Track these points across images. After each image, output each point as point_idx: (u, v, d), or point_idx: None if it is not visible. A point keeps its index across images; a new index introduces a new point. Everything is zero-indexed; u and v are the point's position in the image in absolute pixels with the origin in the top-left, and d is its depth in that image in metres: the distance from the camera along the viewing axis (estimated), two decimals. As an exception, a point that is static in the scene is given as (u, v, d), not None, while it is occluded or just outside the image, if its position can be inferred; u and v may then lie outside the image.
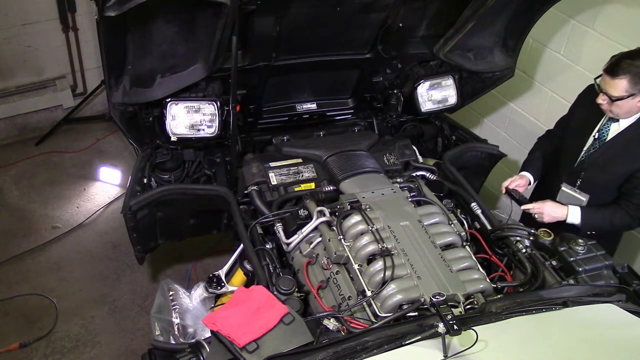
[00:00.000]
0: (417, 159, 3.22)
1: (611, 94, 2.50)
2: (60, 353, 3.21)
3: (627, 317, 1.86)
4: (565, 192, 2.83)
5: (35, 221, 4.05)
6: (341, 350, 1.65)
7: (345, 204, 2.46)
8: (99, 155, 4.73)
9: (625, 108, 2.54)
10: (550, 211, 2.73)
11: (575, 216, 2.70)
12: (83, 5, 4.53)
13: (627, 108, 2.54)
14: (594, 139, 2.75)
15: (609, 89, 2.50)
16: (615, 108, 2.55)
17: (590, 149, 2.76)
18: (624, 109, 2.55)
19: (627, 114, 2.60)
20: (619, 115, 2.60)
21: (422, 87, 3.32)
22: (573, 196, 2.80)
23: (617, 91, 2.48)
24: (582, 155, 2.78)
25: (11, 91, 4.60)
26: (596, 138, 2.74)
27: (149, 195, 2.77)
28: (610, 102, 2.53)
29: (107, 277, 3.70)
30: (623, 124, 2.66)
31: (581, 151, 2.79)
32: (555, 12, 3.30)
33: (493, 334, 1.66)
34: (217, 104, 2.81)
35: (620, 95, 2.48)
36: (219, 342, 1.84)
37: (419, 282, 2.14)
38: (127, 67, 2.50)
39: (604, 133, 2.72)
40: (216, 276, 2.65)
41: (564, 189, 2.83)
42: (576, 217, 2.70)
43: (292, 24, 2.68)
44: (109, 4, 2.03)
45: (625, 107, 2.54)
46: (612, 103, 2.53)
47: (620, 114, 2.59)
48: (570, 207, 2.72)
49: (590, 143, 2.76)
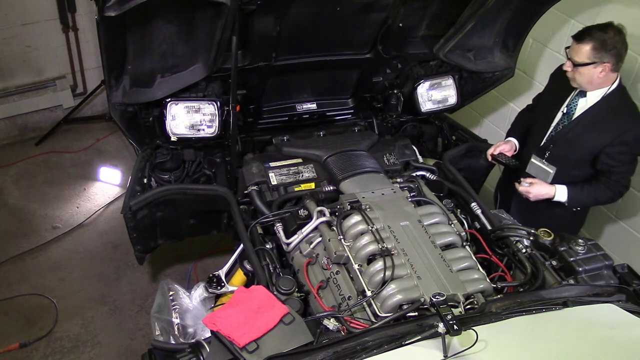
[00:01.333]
0: (417, 159, 3.22)
1: (575, 59, 2.60)
2: (60, 353, 3.21)
3: (627, 317, 1.86)
4: (534, 164, 2.94)
5: (35, 221, 4.05)
6: (341, 350, 1.65)
7: (345, 204, 2.46)
8: (99, 155, 4.73)
9: (587, 76, 2.63)
10: (539, 190, 2.81)
11: (562, 195, 2.80)
12: (83, 5, 4.53)
13: (588, 77, 2.63)
14: (562, 114, 2.85)
15: (574, 55, 2.61)
16: (578, 75, 2.65)
17: (559, 124, 2.86)
18: (586, 77, 2.63)
19: (588, 84, 2.68)
20: (581, 84, 2.69)
21: (422, 87, 3.33)
22: (541, 168, 2.91)
23: (580, 57, 2.58)
24: (552, 130, 2.88)
25: (11, 91, 4.60)
26: (565, 113, 2.84)
27: (149, 195, 2.77)
28: (574, 68, 2.63)
29: (107, 277, 3.70)
30: (590, 100, 2.75)
31: (550, 126, 2.89)
32: (555, 12, 3.30)
33: (493, 334, 1.66)
34: (217, 104, 2.81)
35: (582, 62, 2.58)
36: (219, 342, 1.84)
37: (419, 282, 2.14)
38: (127, 67, 2.50)
39: (572, 108, 2.81)
40: (216, 276, 2.64)
41: (533, 161, 2.94)
42: (563, 195, 2.80)
43: (292, 24, 2.68)
44: (109, 4, 2.03)
45: (586, 76, 2.63)
46: (575, 69, 2.62)
47: (582, 83, 2.68)
48: (557, 186, 2.80)
49: (560, 118, 2.86)
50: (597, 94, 2.72)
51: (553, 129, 2.88)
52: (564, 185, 2.80)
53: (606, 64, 2.57)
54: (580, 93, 2.78)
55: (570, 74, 2.69)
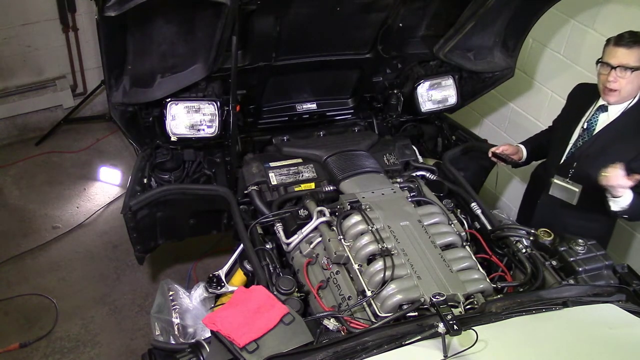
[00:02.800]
0: (417, 159, 3.22)
1: (632, 64, 2.46)
2: (60, 353, 3.21)
3: (627, 317, 1.86)
4: (557, 184, 2.76)
5: (35, 221, 4.05)
6: (341, 350, 1.65)
7: (345, 204, 2.46)
8: (99, 155, 4.72)
9: (635, 83, 2.52)
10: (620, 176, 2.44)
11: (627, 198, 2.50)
12: (83, 5, 4.53)
13: (635, 83, 2.52)
14: (582, 129, 2.74)
15: (628, 60, 2.46)
16: (629, 83, 2.51)
17: (579, 140, 2.75)
18: (635, 84, 2.52)
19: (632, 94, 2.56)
20: (625, 94, 2.56)
21: (422, 87, 3.32)
22: (566, 187, 2.74)
23: (635, 60, 2.46)
24: (571, 147, 2.77)
25: (11, 91, 4.60)
26: (585, 129, 2.73)
27: (149, 195, 2.77)
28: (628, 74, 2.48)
29: (107, 277, 3.70)
30: (612, 114, 2.66)
31: (568, 143, 2.78)
32: (555, 12, 3.30)
33: (493, 334, 1.66)
34: (217, 104, 2.81)
35: (637, 65, 2.46)
36: (219, 342, 1.85)
37: (419, 282, 2.14)
38: (127, 67, 2.50)
39: (593, 124, 2.71)
40: (216, 276, 2.64)
41: (556, 181, 2.77)
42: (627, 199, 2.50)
43: (292, 24, 2.68)
44: (109, 4, 2.03)
45: (634, 82, 2.52)
46: (627, 76, 2.49)
47: (629, 91, 2.55)
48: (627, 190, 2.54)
49: (579, 134, 2.75)
50: (619, 109, 2.63)
51: (572, 146, 2.76)
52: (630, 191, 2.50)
53: None
54: (600, 108, 2.68)
55: (616, 85, 2.52)
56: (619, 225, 3.38)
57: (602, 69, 2.57)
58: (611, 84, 2.53)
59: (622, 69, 2.48)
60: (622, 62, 2.47)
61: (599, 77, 2.61)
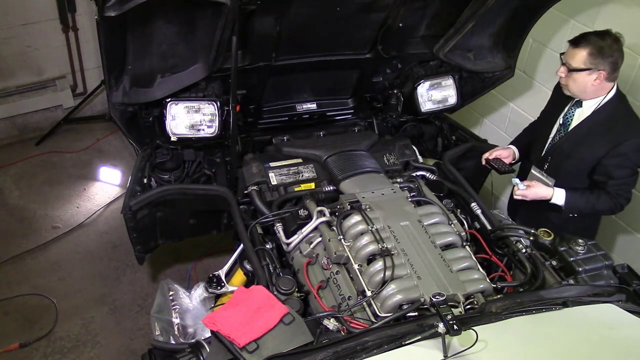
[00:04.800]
0: (417, 159, 3.22)
1: (570, 64, 2.55)
2: (60, 353, 3.21)
3: (627, 317, 1.86)
4: (534, 175, 2.87)
5: (35, 221, 4.05)
6: (341, 350, 1.65)
7: (345, 204, 2.46)
8: (99, 155, 4.73)
9: (580, 84, 2.58)
10: (536, 192, 2.73)
11: (560, 198, 2.72)
12: (83, 5, 4.53)
13: (582, 84, 2.58)
14: (559, 125, 2.80)
15: (569, 59, 2.56)
16: (572, 82, 2.60)
17: (556, 135, 2.82)
18: (579, 84, 2.58)
19: (581, 92, 2.63)
20: (574, 92, 2.64)
21: (422, 87, 3.32)
22: (540, 179, 2.83)
23: (576, 62, 2.53)
24: (550, 142, 2.84)
25: (11, 91, 4.60)
26: (561, 124, 2.80)
27: (149, 195, 2.77)
28: (568, 73, 2.58)
29: (107, 277, 3.70)
30: (586, 110, 2.70)
31: (548, 138, 2.85)
32: (555, 12, 3.30)
33: (493, 334, 1.66)
34: (217, 104, 2.81)
35: (578, 67, 2.53)
36: (219, 342, 1.85)
37: (419, 282, 2.14)
38: (127, 67, 2.50)
39: (568, 119, 2.77)
40: (216, 276, 2.64)
41: (533, 172, 2.88)
42: (560, 198, 2.72)
43: (292, 24, 2.68)
44: (109, 4, 2.03)
45: (580, 83, 2.57)
46: (570, 75, 2.57)
47: (575, 90, 2.63)
48: (556, 188, 2.73)
49: (556, 130, 2.81)
50: (593, 104, 2.66)
51: (551, 140, 2.84)
52: (562, 189, 2.73)
53: (601, 72, 2.50)
54: (576, 103, 2.72)
55: (564, 80, 2.63)
56: (620, 225, 3.39)
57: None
58: (560, 78, 2.64)
59: (564, 67, 2.59)
60: (567, 60, 2.57)
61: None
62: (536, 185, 2.75)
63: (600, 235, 3.04)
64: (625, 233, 3.39)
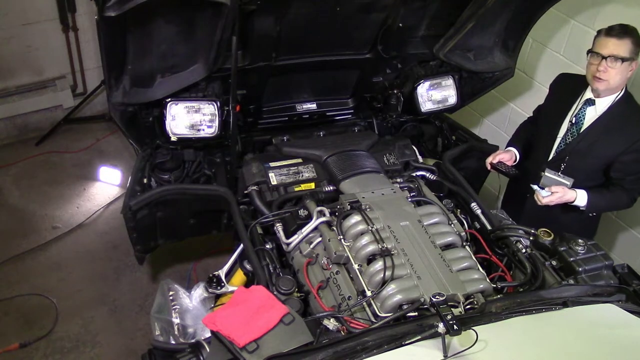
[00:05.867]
0: (417, 159, 3.22)
1: (620, 54, 2.51)
2: (60, 353, 3.21)
3: (627, 317, 1.86)
4: (548, 177, 2.80)
5: (35, 221, 4.04)
6: (341, 350, 1.65)
7: (345, 204, 2.46)
8: (99, 155, 4.72)
9: (624, 75, 2.57)
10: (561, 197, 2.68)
11: (582, 199, 2.70)
12: (83, 5, 4.53)
13: (624, 75, 2.57)
14: (570, 124, 2.78)
15: (617, 50, 2.51)
16: (617, 74, 2.56)
17: (567, 135, 2.79)
18: (623, 75, 2.57)
19: (619, 85, 2.62)
20: (613, 85, 2.60)
21: (422, 87, 3.32)
22: (557, 180, 2.78)
23: (624, 51, 2.51)
24: (561, 143, 2.82)
25: (11, 91, 4.59)
26: (573, 123, 2.77)
27: (149, 195, 2.77)
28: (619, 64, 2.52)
29: (107, 277, 3.70)
30: (599, 109, 2.70)
31: (556, 138, 2.83)
32: (555, 12, 3.30)
33: (493, 334, 1.66)
34: (217, 104, 2.81)
35: (627, 56, 2.51)
36: (219, 342, 1.84)
37: (419, 282, 2.14)
38: (127, 67, 2.50)
39: (581, 118, 2.75)
40: (216, 276, 2.64)
41: (547, 174, 2.80)
42: (583, 200, 2.70)
43: (292, 24, 2.68)
44: (109, 4, 2.03)
45: (624, 74, 2.57)
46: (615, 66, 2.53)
47: (615, 83, 2.60)
48: (578, 190, 2.70)
49: (567, 129, 2.79)
50: (606, 102, 2.67)
51: (562, 141, 2.81)
52: (584, 190, 2.70)
53: (636, 62, 2.54)
54: (587, 102, 2.72)
55: (606, 75, 2.56)
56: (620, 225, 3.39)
57: (592, 59, 2.61)
58: (601, 73, 2.57)
59: (612, 59, 2.53)
60: (613, 53, 2.52)
61: (589, 67, 2.64)
62: (559, 190, 2.69)
63: (600, 235, 3.04)
64: (625, 233, 3.39)
